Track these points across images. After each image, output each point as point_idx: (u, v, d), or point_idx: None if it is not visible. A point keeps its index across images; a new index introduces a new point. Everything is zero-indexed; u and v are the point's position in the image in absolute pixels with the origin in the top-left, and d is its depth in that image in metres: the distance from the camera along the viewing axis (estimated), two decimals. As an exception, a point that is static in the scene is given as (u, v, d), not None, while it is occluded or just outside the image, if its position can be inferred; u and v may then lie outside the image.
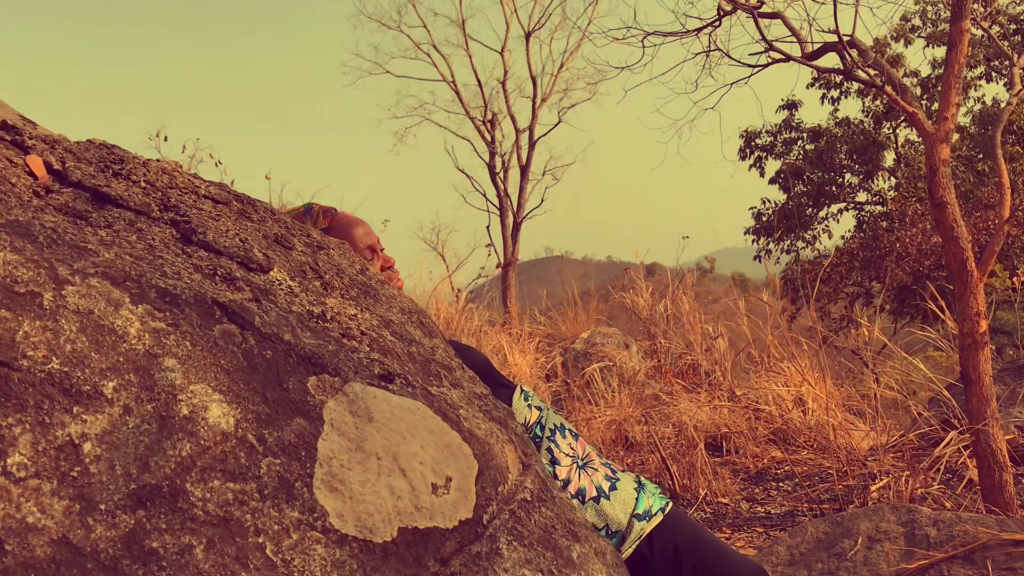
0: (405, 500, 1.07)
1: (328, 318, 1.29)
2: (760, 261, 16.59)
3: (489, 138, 21.19)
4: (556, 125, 22.19)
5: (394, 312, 1.51)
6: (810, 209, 17.40)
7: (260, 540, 0.96)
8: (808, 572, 3.04)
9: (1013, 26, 15.43)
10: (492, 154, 21.21)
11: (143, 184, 1.36)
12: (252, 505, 0.98)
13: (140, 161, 1.41)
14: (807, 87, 17.95)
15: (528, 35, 21.25)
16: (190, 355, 1.03)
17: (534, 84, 21.35)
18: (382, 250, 2.04)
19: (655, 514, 1.89)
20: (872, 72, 4.64)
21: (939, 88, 15.40)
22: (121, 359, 0.98)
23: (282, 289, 1.28)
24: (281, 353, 1.12)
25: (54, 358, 0.93)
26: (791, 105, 17.41)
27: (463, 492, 1.14)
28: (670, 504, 1.96)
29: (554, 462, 1.89)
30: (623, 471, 1.98)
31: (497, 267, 15.06)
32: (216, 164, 11.17)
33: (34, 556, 0.86)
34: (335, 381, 1.14)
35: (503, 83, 21.40)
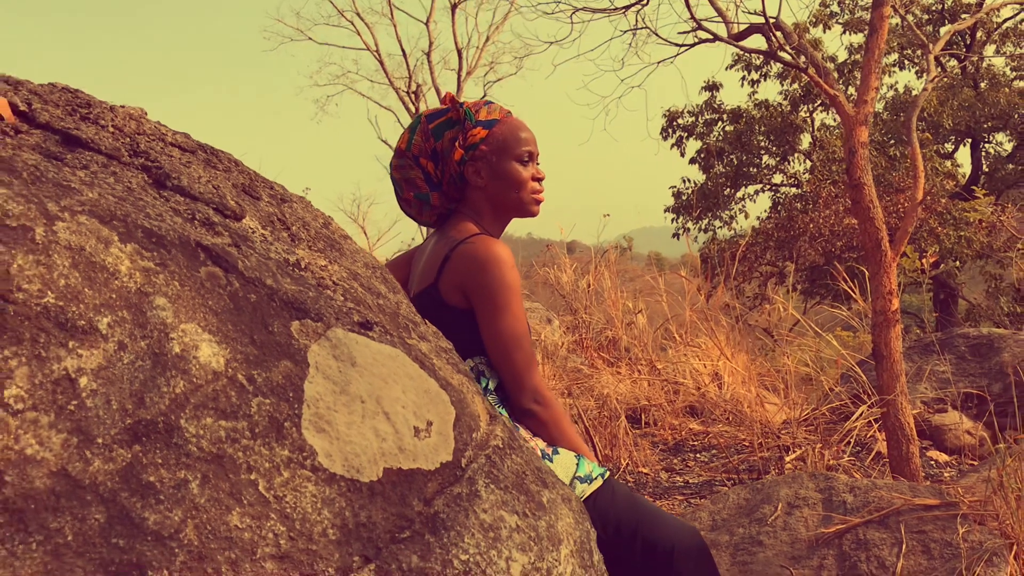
0: (389, 442, 1.10)
1: (303, 267, 1.30)
2: (678, 239, 16.88)
3: (413, 109, 20.99)
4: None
5: (359, 266, 1.52)
6: (728, 189, 17.75)
7: (252, 477, 0.98)
8: (730, 537, 3.14)
9: (926, 16, 16.00)
10: (415, 126, 20.97)
11: (111, 129, 1.34)
12: (244, 443, 0.99)
13: (107, 106, 1.39)
14: (726, 69, 18.25)
15: (454, 7, 21.09)
16: (179, 295, 1.03)
17: (460, 57, 21.24)
18: (538, 164, 2.05)
19: (595, 478, 1.95)
20: (795, 54, 4.76)
21: (855, 73, 15.85)
22: (114, 296, 0.97)
23: (257, 236, 1.28)
24: (264, 297, 1.13)
25: (49, 292, 0.92)
26: (712, 87, 17.69)
27: (443, 436, 1.17)
28: (607, 472, 2.03)
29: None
30: None
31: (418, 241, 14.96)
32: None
33: (34, 487, 0.86)
34: (318, 326, 1.15)
35: (428, 55, 21.21)
